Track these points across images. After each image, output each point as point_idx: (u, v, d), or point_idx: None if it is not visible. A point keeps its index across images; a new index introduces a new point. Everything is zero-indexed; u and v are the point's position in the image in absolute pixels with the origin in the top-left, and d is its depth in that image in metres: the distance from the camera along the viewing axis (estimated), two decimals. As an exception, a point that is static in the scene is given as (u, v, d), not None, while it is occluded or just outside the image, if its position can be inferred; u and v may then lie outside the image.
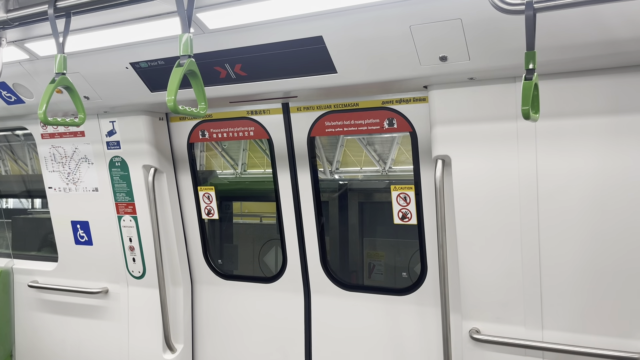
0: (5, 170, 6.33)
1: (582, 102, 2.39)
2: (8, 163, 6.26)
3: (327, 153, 4.03)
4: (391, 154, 5.71)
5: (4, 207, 6.28)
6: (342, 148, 3.85)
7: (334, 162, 3.89)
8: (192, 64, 2.08)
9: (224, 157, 4.05)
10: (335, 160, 3.89)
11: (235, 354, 3.81)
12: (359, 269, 3.87)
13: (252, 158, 5.58)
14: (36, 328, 4.46)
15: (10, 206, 6.35)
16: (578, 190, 2.46)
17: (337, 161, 3.87)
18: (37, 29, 2.77)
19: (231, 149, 4.08)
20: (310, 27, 2.46)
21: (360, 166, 4.31)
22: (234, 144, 3.73)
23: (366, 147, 3.59)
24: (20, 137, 5.87)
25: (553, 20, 2.03)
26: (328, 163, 3.91)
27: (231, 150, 4.16)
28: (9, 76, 3.37)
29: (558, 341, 2.60)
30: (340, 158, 3.97)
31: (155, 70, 2.96)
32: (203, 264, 3.89)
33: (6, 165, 6.34)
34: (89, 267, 4.12)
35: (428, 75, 2.51)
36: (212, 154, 4.66)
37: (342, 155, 4.15)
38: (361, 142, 3.40)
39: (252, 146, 5.36)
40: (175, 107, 1.99)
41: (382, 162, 6.02)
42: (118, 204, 3.85)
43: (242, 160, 5.26)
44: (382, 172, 6.01)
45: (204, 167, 4.13)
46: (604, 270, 2.47)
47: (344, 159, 4.04)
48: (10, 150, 6.22)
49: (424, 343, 3.16)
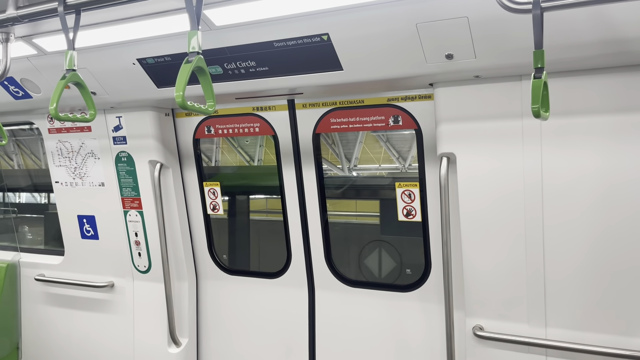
0: (18, 165, 6.36)
1: (588, 100, 2.39)
2: (21, 158, 6.28)
3: (346, 150, 4.01)
4: (412, 151, 5.65)
5: (28, 201, 6.32)
6: (360, 145, 3.82)
7: (352, 159, 3.87)
8: (201, 61, 2.09)
9: (239, 153, 4.05)
10: (354, 157, 3.87)
11: (240, 349, 3.84)
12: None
13: (269, 154, 5.55)
14: (42, 321, 4.50)
15: (41, 200, 6.37)
16: (583, 188, 2.47)
17: (356, 158, 3.85)
18: (45, 24, 2.79)
19: (248, 145, 4.06)
20: (316, 24, 2.46)
21: (379, 163, 4.25)
22: (252, 139, 3.72)
23: (386, 144, 3.55)
24: (34, 132, 5.88)
25: (560, 19, 2.04)
26: (346, 160, 3.90)
27: (248, 146, 4.14)
28: (16, 71, 3.39)
29: (561, 339, 2.61)
30: (358, 155, 3.93)
31: (162, 67, 2.98)
32: (208, 258, 3.91)
33: (19, 159, 6.36)
34: (95, 261, 4.15)
35: (434, 73, 2.51)
36: (227, 149, 4.63)
37: (360, 152, 4.11)
38: (381, 138, 3.37)
39: (269, 142, 5.32)
40: (183, 103, 2.00)
41: (402, 159, 5.96)
42: (124, 198, 3.88)
43: (259, 156, 5.24)
44: (402, 170, 5.95)
45: (219, 163, 4.14)
46: (608, 269, 2.47)
47: (363, 155, 3.99)
48: (24, 144, 6.24)
49: (427, 339, 3.18)
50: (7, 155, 6.58)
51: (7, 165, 6.51)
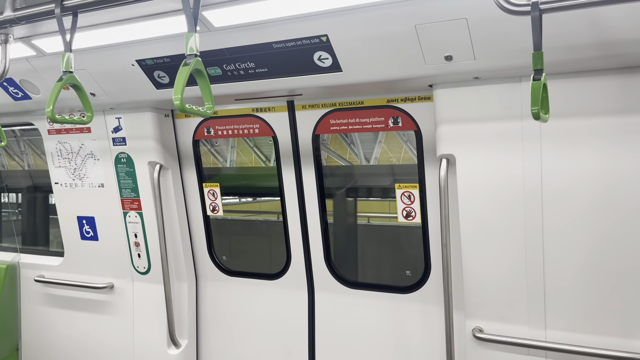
0: (28, 165, 6.32)
1: (588, 102, 2.38)
2: (31, 158, 6.24)
3: (365, 149, 3.96)
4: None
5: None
6: (380, 144, 3.76)
7: (371, 159, 3.82)
8: (199, 63, 2.08)
9: (255, 152, 4.03)
10: (373, 157, 3.81)
11: (239, 350, 3.83)
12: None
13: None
14: (42, 322, 4.50)
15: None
16: (582, 190, 2.46)
17: (375, 157, 3.79)
18: (44, 26, 2.79)
19: (264, 145, 4.03)
20: (315, 25, 2.46)
21: (399, 162, 4.17)
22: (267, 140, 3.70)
23: (406, 143, 3.49)
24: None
25: (558, 20, 2.03)
26: (365, 160, 3.86)
27: (264, 147, 4.11)
28: (16, 72, 3.39)
29: (561, 341, 2.60)
30: (378, 155, 3.86)
31: (161, 68, 2.97)
32: (208, 260, 3.91)
33: (30, 159, 6.32)
34: (95, 263, 4.15)
35: (433, 74, 2.51)
36: (242, 149, 4.57)
37: (380, 151, 4.02)
38: (401, 137, 3.32)
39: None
40: (182, 106, 1.99)
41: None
42: (123, 199, 3.88)
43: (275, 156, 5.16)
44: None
45: (234, 164, 4.12)
46: (608, 271, 2.47)
47: (382, 155, 3.90)
48: (35, 144, 6.20)
49: (426, 341, 3.17)
50: (17, 155, 6.55)
51: (17, 166, 6.49)
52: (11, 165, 6.22)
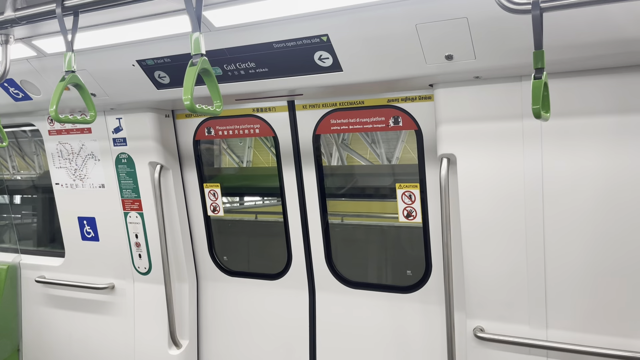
0: (39, 166, 6.31)
1: (589, 101, 2.38)
2: (42, 158, 6.22)
3: (388, 149, 3.93)
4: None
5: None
6: (402, 144, 3.71)
7: (392, 159, 3.78)
8: (205, 62, 2.07)
9: (272, 152, 4.03)
10: (395, 157, 3.77)
11: (240, 350, 3.83)
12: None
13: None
14: (43, 323, 4.50)
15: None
16: (584, 189, 2.46)
17: (397, 157, 3.75)
18: (44, 26, 2.78)
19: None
20: (316, 25, 2.46)
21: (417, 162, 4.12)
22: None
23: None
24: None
25: (559, 19, 2.03)
26: (387, 160, 3.82)
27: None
28: (16, 73, 3.39)
29: (562, 340, 2.60)
30: (399, 155, 3.81)
31: (162, 68, 2.97)
32: (208, 260, 3.91)
33: (40, 160, 6.30)
34: (96, 263, 4.15)
35: (434, 74, 2.50)
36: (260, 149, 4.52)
37: (401, 151, 3.95)
38: None
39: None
40: (192, 106, 1.98)
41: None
42: (124, 200, 3.88)
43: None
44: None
45: (251, 164, 4.07)
46: (609, 270, 2.46)
47: (404, 155, 3.83)
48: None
49: (428, 341, 3.17)
50: (27, 156, 6.53)
51: (28, 167, 6.48)
52: (22, 166, 6.22)
